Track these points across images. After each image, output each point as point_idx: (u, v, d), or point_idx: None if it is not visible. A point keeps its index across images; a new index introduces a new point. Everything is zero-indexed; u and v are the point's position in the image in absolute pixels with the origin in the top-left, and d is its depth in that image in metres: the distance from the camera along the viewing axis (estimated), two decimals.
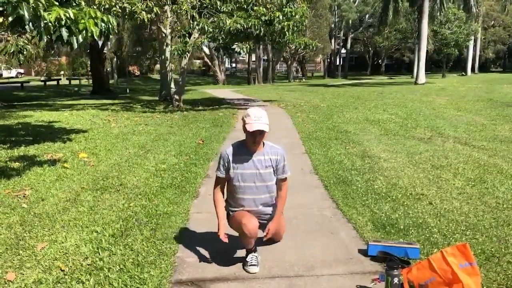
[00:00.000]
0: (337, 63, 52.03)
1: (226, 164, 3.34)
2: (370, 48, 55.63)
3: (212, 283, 3.14)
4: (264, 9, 13.30)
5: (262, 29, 13.17)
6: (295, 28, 13.49)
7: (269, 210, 3.44)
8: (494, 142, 8.40)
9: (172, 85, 17.02)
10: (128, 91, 26.23)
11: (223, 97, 21.62)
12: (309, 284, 3.09)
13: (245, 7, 13.87)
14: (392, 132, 9.60)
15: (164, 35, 16.11)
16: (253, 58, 39.62)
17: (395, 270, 2.77)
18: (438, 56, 40.36)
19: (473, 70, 48.35)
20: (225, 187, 3.48)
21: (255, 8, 13.44)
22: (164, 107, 16.03)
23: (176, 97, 16.13)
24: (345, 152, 7.46)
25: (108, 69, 29.45)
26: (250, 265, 3.29)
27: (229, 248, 3.68)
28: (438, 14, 26.44)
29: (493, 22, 53.76)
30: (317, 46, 16.18)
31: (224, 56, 38.85)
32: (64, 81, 34.83)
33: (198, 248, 3.71)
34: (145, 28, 24.97)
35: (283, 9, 13.18)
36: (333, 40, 47.19)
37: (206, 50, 35.50)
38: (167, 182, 5.78)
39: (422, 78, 27.55)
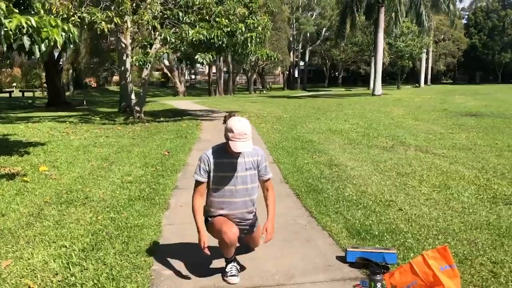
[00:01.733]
0: (296, 75, 52.73)
1: (207, 167, 3.22)
2: (327, 61, 56.75)
3: None
4: (226, 20, 13.33)
5: (225, 40, 13.17)
6: (258, 40, 13.59)
7: (249, 215, 3.36)
8: (453, 150, 8.70)
9: (133, 96, 16.72)
10: (85, 103, 25.55)
11: (185, 108, 21.43)
12: None
13: (207, 18, 13.86)
14: (355, 142, 9.78)
15: (124, 45, 15.85)
16: (214, 70, 39.59)
17: (378, 275, 2.79)
18: (393, 68, 41.68)
19: (425, 81, 50.26)
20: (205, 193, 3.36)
21: (217, 19, 13.46)
22: (124, 118, 15.69)
23: (137, 108, 15.85)
24: (312, 161, 7.52)
25: (64, 81, 28.59)
26: (230, 276, 3.22)
27: (206, 258, 3.61)
28: (394, 27, 27.38)
29: (443, 36, 56.26)
30: (278, 57, 16.36)
31: (185, 68, 38.56)
32: (17, 93, 33.54)
33: (173, 260, 3.61)
34: (103, 38, 24.49)
35: (246, 21, 13.27)
36: (292, 53, 47.87)
37: (166, 61, 35.19)
38: (135, 194, 5.63)
39: (378, 89, 28.35)
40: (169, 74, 38.22)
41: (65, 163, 7.59)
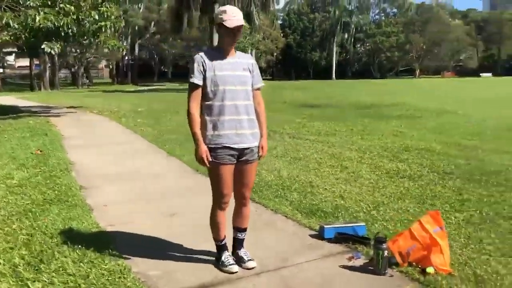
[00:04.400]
0: (124, 69, 50.83)
1: (202, 67, 2.92)
2: (156, 55, 56.03)
3: None
4: (72, 7, 12.20)
5: (74, 28, 12.09)
6: (112, 29, 12.79)
7: (248, 120, 3.01)
8: (322, 136, 9.52)
9: None
10: None
11: (13, 105, 18.99)
12: (298, 273, 3.08)
13: (49, 3, 12.48)
14: None
15: None
16: (36, 62, 35.66)
17: (384, 244, 3.00)
18: None
19: None
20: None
21: (61, 5, 12.23)
22: None
23: None
24: None
25: None
26: (229, 265, 3.08)
27: (187, 254, 3.40)
28: None
29: (263, 34, 60.23)
30: (126, 49, 15.69)
31: None
32: None
33: (151, 259, 3.29)
34: None
35: (99, 8, 12.35)
36: None
37: None
38: (38, 198, 4.88)
39: None
40: None
41: None
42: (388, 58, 64.34)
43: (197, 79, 2.92)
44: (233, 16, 2.89)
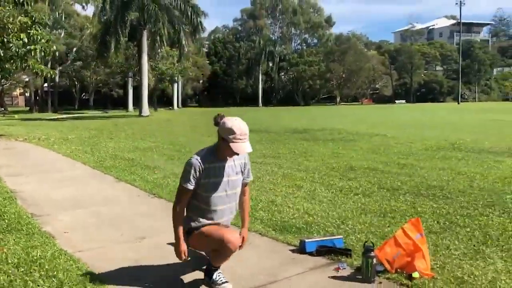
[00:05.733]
0: (43, 96, 48.41)
1: (198, 174, 2.93)
2: (77, 82, 54.08)
3: None
4: None
5: (1, 52, 11.46)
6: (43, 54, 12.26)
7: (231, 218, 3.22)
8: (267, 158, 9.66)
9: None
10: None
11: None
12: (290, 287, 3.09)
13: None
14: (175, 156, 9.86)
15: None
16: None
17: (372, 252, 3.11)
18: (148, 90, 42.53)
19: (177, 104, 52.96)
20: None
21: None
22: None
23: None
24: (159, 176, 7.31)
25: None
26: (222, 283, 3.03)
27: (168, 276, 3.29)
28: (159, 50, 28.21)
29: (189, 62, 60.30)
30: (55, 74, 15.08)
31: None
32: None
33: (135, 285, 3.15)
34: None
35: (29, 31, 11.80)
36: None
37: None
38: None
39: (146, 111, 28.68)
40: None
41: None
42: (310, 86, 66.93)
43: (190, 185, 2.94)
44: (240, 140, 2.86)
